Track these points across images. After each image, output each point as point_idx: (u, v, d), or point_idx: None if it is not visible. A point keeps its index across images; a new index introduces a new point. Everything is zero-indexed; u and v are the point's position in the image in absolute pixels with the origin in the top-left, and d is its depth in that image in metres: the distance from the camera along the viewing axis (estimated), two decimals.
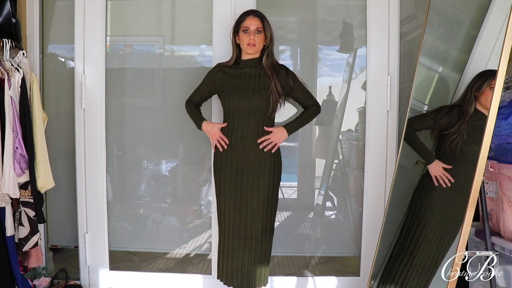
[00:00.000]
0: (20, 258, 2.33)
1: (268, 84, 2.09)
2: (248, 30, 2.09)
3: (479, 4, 1.98)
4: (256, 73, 2.13)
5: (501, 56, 1.49)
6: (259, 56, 2.15)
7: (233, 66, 2.17)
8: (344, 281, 2.51)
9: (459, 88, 2.00)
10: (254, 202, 2.10)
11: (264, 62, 2.13)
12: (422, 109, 2.16)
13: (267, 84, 2.09)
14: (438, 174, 1.91)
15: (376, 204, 2.43)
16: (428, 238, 1.91)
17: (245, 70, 2.14)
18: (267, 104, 2.08)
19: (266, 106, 2.08)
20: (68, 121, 2.58)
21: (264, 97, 2.07)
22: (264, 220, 2.12)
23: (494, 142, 1.97)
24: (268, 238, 2.16)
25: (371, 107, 2.42)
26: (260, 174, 2.10)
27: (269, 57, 2.14)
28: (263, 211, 2.11)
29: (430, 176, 1.94)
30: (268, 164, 2.11)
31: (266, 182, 2.10)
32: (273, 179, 2.13)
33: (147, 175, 2.71)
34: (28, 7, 2.46)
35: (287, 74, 2.16)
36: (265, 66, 2.12)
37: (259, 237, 2.11)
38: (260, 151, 2.10)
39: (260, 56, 2.15)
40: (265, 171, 2.10)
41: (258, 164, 2.10)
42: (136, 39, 2.68)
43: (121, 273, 2.56)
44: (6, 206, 2.09)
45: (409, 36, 2.55)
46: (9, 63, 2.16)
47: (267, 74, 2.10)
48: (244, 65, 2.15)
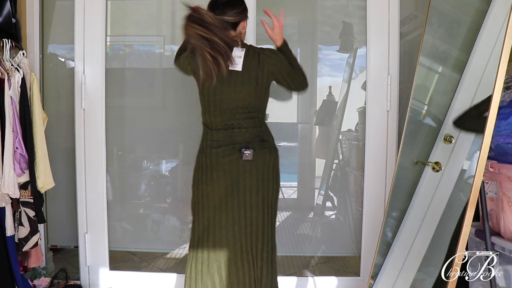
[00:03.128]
0: (20, 258, 2.32)
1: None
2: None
3: (479, 4, 1.98)
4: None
5: (501, 56, 1.49)
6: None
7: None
8: (344, 281, 2.51)
9: (459, 88, 2.00)
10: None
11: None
12: (422, 109, 2.16)
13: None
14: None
15: (376, 204, 2.43)
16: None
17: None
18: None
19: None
20: (68, 121, 2.58)
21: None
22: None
23: (494, 142, 1.97)
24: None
25: (371, 107, 2.42)
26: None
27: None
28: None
29: None
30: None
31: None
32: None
33: (147, 175, 2.71)
34: (28, 7, 2.46)
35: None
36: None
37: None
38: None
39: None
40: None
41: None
42: (136, 39, 2.69)
43: (121, 273, 2.56)
44: (6, 206, 2.09)
45: (409, 36, 2.55)
46: (9, 63, 2.16)
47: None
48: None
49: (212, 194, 1.78)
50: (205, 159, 1.79)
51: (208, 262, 1.78)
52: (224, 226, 1.77)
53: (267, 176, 1.79)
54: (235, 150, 1.75)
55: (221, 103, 1.75)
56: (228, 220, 1.77)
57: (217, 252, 1.77)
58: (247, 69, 1.74)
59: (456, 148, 1.98)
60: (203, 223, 1.80)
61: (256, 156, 1.76)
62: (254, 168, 1.76)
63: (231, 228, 1.77)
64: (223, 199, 1.77)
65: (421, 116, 2.18)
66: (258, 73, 1.74)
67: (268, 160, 1.80)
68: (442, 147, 2.01)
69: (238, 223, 1.76)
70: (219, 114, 1.76)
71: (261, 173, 1.78)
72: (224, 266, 1.77)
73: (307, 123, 2.69)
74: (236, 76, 1.73)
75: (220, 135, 1.77)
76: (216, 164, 1.77)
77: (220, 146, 1.77)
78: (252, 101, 1.76)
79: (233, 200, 1.76)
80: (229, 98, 1.74)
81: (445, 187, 1.93)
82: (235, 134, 1.76)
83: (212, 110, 1.77)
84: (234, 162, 1.75)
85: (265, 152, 1.79)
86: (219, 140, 1.77)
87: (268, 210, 1.80)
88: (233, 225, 1.77)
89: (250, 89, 1.74)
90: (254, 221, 1.77)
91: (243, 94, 1.74)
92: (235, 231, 1.77)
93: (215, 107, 1.76)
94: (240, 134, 1.76)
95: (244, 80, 1.73)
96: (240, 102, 1.75)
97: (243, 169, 1.76)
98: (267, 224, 1.80)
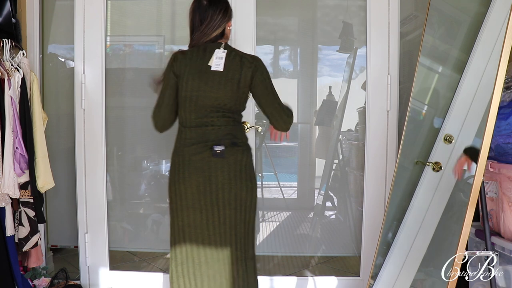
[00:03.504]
0: (20, 258, 2.32)
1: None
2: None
3: (479, 4, 1.98)
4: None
5: (501, 56, 1.49)
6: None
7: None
8: (344, 281, 2.51)
9: (459, 88, 2.00)
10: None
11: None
12: (422, 109, 2.16)
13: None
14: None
15: (376, 204, 2.43)
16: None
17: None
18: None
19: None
20: (68, 121, 2.58)
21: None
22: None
23: (494, 142, 1.97)
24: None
25: (371, 107, 2.42)
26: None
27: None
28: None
29: None
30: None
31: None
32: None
33: (147, 175, 2.71)
34: (28, 7, 2.46)
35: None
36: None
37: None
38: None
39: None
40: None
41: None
42: (136, 39, 2.69)
43: (121, 273, 2.56)
44: (6, 206, 2.09)
45: (409, 36, 2.55)
46: (9, 63, 2.16)
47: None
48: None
49: (185, 192, 1.78)
50: (177, 158, 1.80)
51: (187, 262, 1.79)
52: (199, 225, 1.77)
53: (239, 173, 1.78)
54: (207, 147, 1.76)
55: (197, 100, 1.77)
56: (202, 219, 1.77)
57: (194, 252, 1.78)
58: (226, 70, 1.77)
59: (456, 148, 1.98)
60: (178, 222, 1.80)
61: (228, 153, 1.76)
62: (225, 166, 1.76)
63: (205, 227, 1.77)
64: (196, 197, 1.77)
65: (421, 116, 2.18)
66: (236, 76, 1.76)
67: (240, 158, 1.79)
68: (442, 147, 2.01)
69: (212, 222, 1.76)
70: (194, 110, 1.77)
71: (233, 171, 1.77)
72: (200, 266, 1.77)
73: (307, 123, 2.69)
74: (214, 76, 1.76)
75: (193, 133, 1.78)
76: (189, 162, 1.77)
77: (192, 144, 1.78)
78: (228, 102, 1.77)
79: (205, 198, 1.76)
80: (205, 96, 1.76)
81: (445, 187, 1.93)
82: (208, 132, 1.77)
83: (187, 106, 1.78)
84: (205, 160, 1.76)
85: (237, 150, 1.79)
86: (192, 138, 1.78)
87: (242, 208, 1.78)
88: (207, 224, 1.77)
89: (227, 90, 1.76)
90: (227, 220, 1.77)
91: (220, 94, 1.76)
92: (209, 231, 1.77)
93: (191, 103, 1.77)
94: (213, 132, 1.77)
95: (222, 80, 1.76)
96: (216, 102, 1.76)
97: (214, 167, 1.76)
98: (240, 222, 1.78)
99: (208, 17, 1.80)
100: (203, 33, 1.80)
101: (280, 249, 2.68)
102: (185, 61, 1.79)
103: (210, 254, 1.77)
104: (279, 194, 2.79)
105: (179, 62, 1.80)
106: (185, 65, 1.79)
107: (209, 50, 1.80)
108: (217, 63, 1.77)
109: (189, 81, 1.77)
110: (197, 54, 1.80)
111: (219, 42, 1.83)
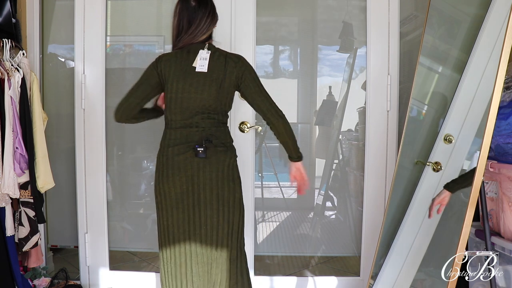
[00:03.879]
0: (20, 258, 2.32)
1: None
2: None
3: (479, 4, 1.98)
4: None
5: (501, 56, 1.49)
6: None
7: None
8: (344, 281, 2.51)
9: (459, 88, 2.00)
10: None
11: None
12: (422, 109, 2.16)
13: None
14: None
15: (376, 204, 2.43)
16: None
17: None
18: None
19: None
20: (68, 121, 2.58)
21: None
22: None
23: (494, 142, 1.97)
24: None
25: (371, 107, 2.42)
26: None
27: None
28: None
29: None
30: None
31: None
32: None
33: (147, 175, 2.71)
34: (28, 7, 2.45)
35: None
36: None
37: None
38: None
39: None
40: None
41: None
42: (136, 39, 2.69)
43: (121, 273, 2.56)
44: (6, 206, 2.09)
45: (409, 36, 2.55)
46: (9, 63, 2.16)
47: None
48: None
49: (169, 192, 1.78)
50: (162, 158, 1.80)
51: (171, 262, 1.79)
52: (181, 225, 1.77)
53: (221, 174, 1.77)
54: (190, 148, 1.76)
55: (182, 102, 1.76)
56: (184, 219, 1.77)
57: (176, 253, 1.78)
58: (210, 71, 1.76)
59: (456, 148, 1.98)
60: (163, 222, 1.80)
61: (211, 154, 1.76)
62: (207, 166, 1.76)
63: (187, 227, 1.77)
64: (179, 197, 1.77)
65: (421, 116, 2.18)
66: (221, 76, 1.76)
67: (223, 158, 1.79)
68: (442, 147, 2.01)
69: (193, 223, 1.76)
70: (179, 112, 1.77)
71: (215, 171, 1.77)
72: (181, 266, 1.78)
73: (307, 123, 2.70)
74: (199, 77, 1.76)
75: (178, 134, 1.78)
76: (172, 162, 1.77)
77: (176, 144, 1.78)
78: (213, 103, 1.76)
79: (188, 198, 1.76)
80: (190, 98, 1.75)
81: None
82: (192, 133, 1.77)
83: (173, 107, 1.78)
84: (188, 160, 1.76)
85: (220, 151, 1.78)
86: (176, 139, 1.78)
87: (224, 208, 1.77)
88: (189, 225, 1.77)
89: (212, 90, 1.75)
90: (208, 220, 1.76)
91: (204, 95, 1.75)
92: (190, 231, 1.77)
93: (176, 104, 1.77)
94: (197, 133, 1.77)
95: (206, 81, 1.75)
96: (201, 103, 1.76)
97: (197, 167, 1.76)
98: (223, 222, 1.77)
99: (198, 18, 1.78)
100: (192, 35, 1.78)
101: (280, 249, 2.68)
102: (169, 63, 1.78)
103: (193, 254, 1.77)
104: (279, 194, 2.79)
105: (163, 64, 1.79)
106: (169, 67, 1.78)
107: (193, 51, 1.79)
108: (201, 64, 1.76)
109: (173, 83, 1.76)
110: (181, 56, 1.79)
111: (203, 43, 1.81)
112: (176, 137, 1.79)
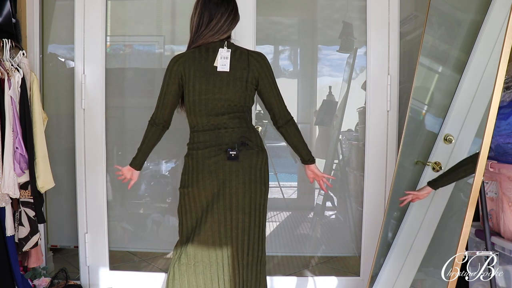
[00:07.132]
0: (20, 258, 2.32)
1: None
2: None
3: (479, 4, 1.98)
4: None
5: (501, 56, 1.49)
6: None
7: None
8: (344, 281, 2.51)
9: (459, 88, 2.00)
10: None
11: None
12: (422, 109, 2.16)
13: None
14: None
15: (376, 204, 2.43)
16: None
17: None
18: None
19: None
20: (68, 121, 2.58)
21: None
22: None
23: (494, 142, 1.97)
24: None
25: (371, 107, 2.42)
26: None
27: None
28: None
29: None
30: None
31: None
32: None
33: (147, 175, 2.71)
34: (28, 7, 2.45)
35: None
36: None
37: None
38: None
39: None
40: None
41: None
42: (136, 39, 2.69)
43: (121, 273, 2.56)
44: (6, 206, 2.09)
45: (409, 36, 2.55)
46: (9, 63, 2.16)
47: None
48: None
49: (199, 196, 1.75)
50: (191, 161, 1.77)
51: (194, 263, 1.75)
52: (210, 228, 1.73)
53: (254, 177, 1.74)
54: (222, 150, 1.72)
55: (206, 103, 1.73)
56: (214, 222, 1.72)
57: (204, 254, 1.73)
58: (233, 69, 1.73)
59: (456, 148, 1.98)
60: (190, 225, 1.78)
61: (243, 157, 1.72)
62: (240, 170, 1.72)
63: (216, 230, 1.73)
64: (210, 201, 1.74)
65: (421, 116, 2.18)
66: (244, 74, 1.73)
67: (255, 161, 1.76)
68: (442, 147, 2.01)
69: (224, 226, 1.72)
70: (205, 114, 1.73)
71: (248, 175, 1.73)
72: (210, 268, 1.74)
73: (307, 123, 2.69)
74: (222, 77, 1.72)
75: (207, 136, 1.74)
76: (202, 165, 1.73)
77: (206, 147, 1.74)
78: (238, 101, 1.73)
79: (218, 202, 1.72)
80: (215, 99, 1.72)
81: (445, 188, 1.93)
82: (221, 135, 1.73)
83: (197, 110, 1.74)
84: (220, 163, 1.72)
85: (252, 153, 1.75)
86: (206, 141, 1.74)
87: (256, 213, 1.74)
88: (219, 228, 1.72)
89: (236, 89, 1.72)
90: (240, 224, 1.72)
91: (229, 94, 1.72)
92: (221, 234, 1.72)
93: (201, 107, 1.73)
94: (226, 135, 1.73)
95: (230, 81, 1.72)
96: (226, 103, 1.72)
97: (229, 171, 1.72)
98: (254, 227, 1.74)
99: (219, 13, 1.73)
100: (213, 31, 1.73)
101: (280, 249, 2.68)
102: (188, 64, 1.74)
103: (220, 257, 1.73)
104: (279, 194, 2.78)
105: (181, 66, 1.74)
106: (188, 68, 1.73)
107: (212, 50, 1.75)
108: (222, 63, 1.72)
109: (196, 85, 1.72)
110: (200, 55, 1.75)
111: (221, 41, 1.77)
112: (205, 139, 1.74)
